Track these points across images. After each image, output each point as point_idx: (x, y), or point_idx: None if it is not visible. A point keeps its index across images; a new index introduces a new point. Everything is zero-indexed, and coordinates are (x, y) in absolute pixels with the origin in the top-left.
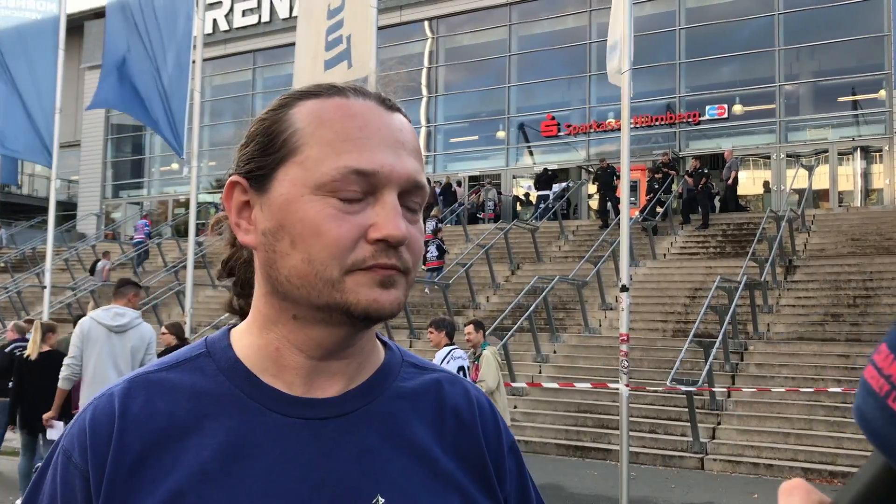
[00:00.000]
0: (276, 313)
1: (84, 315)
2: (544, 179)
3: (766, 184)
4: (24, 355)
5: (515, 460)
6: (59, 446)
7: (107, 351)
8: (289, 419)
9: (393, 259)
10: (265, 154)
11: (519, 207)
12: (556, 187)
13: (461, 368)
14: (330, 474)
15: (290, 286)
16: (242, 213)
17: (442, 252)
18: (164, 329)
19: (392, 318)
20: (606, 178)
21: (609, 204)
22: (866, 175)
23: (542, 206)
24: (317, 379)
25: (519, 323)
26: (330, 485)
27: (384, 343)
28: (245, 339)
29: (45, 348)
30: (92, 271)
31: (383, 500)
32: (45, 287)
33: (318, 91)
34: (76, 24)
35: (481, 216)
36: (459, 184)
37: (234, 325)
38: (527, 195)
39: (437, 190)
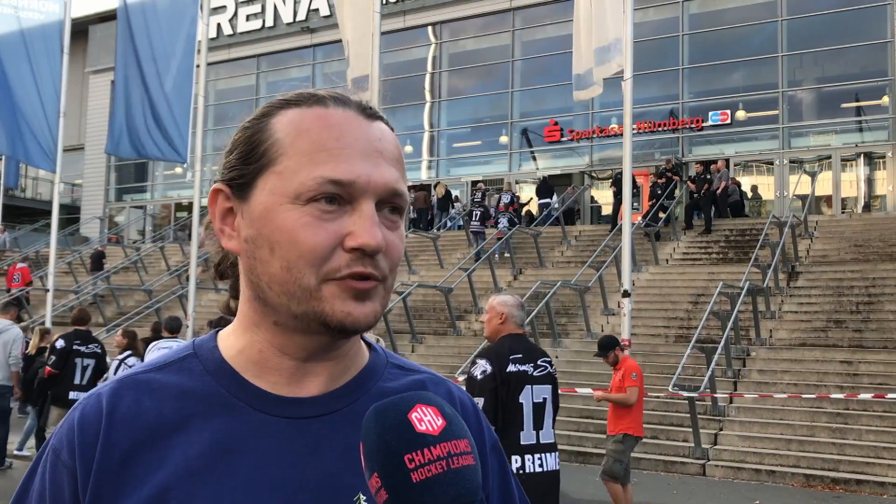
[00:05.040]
0: (259, 317)
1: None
2: (544, 189)
3: (755, 188)
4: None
5: (498, 459)
6: (48, 445)
7: None
8: (273, 418)
9: (369, 267)
10: (246, 163)
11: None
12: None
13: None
14: (314, 472)
15: (271, 293)
16: (226, 219)
17: (513, 224)
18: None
19: (368, 330)
20: None
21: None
22: (869, 181)
23: (544, 213)
24: (301, 379)
25: None
26: (314, 482)
27: (369, 345)
28: (230, 341)
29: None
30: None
31: (364, 498)
32: (48, 290)
33: (299, 100)
34: (81, 29)
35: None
36: (452, 195)
37: (222, 328)
38: (518, 197)
39: (435, 199)
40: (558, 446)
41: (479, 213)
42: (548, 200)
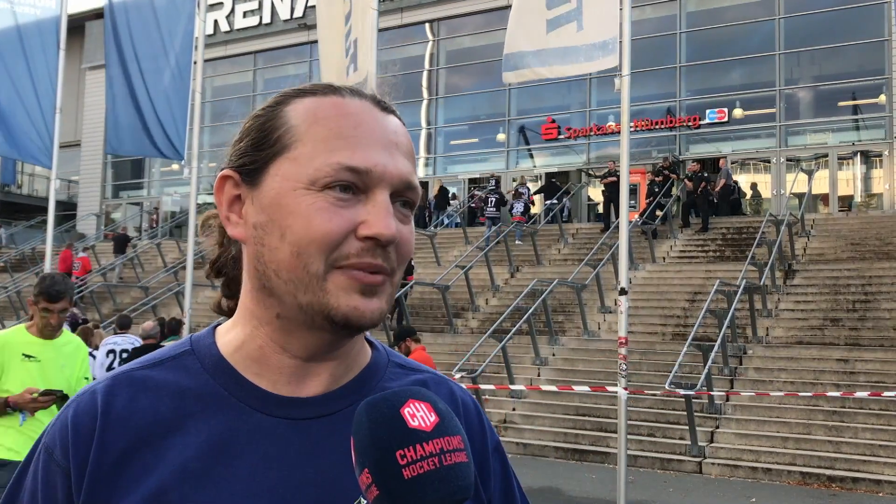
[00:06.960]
0: (262, 310)
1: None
2: (549, 189)
3: (753, 185)
4: None
5: (500, 461)
6: (40, 443)
7: None
8: (273, 419)
9: (379, 259)
10: (258, 149)
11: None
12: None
13: None
14: (314, 474)
15: (278, 281)
16: (233, 206)
17: (527, 209)
18: None
19: (374, 327)
20: (616, 182)
21: (612, 207)
22: (866, 180)
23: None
24: (302, 378)
25: (518, 325)
26: (313, 484)
27: (371, 343)
28: (229, 337)
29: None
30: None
31: (365, 501)
32: None
33: (315, 90)
34: (77, 25)
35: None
36: (452, 195)
37: (220, 324)
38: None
39: (431, 196)
40: (555, 443)
41: (494, 199)
42: (553, 202)
